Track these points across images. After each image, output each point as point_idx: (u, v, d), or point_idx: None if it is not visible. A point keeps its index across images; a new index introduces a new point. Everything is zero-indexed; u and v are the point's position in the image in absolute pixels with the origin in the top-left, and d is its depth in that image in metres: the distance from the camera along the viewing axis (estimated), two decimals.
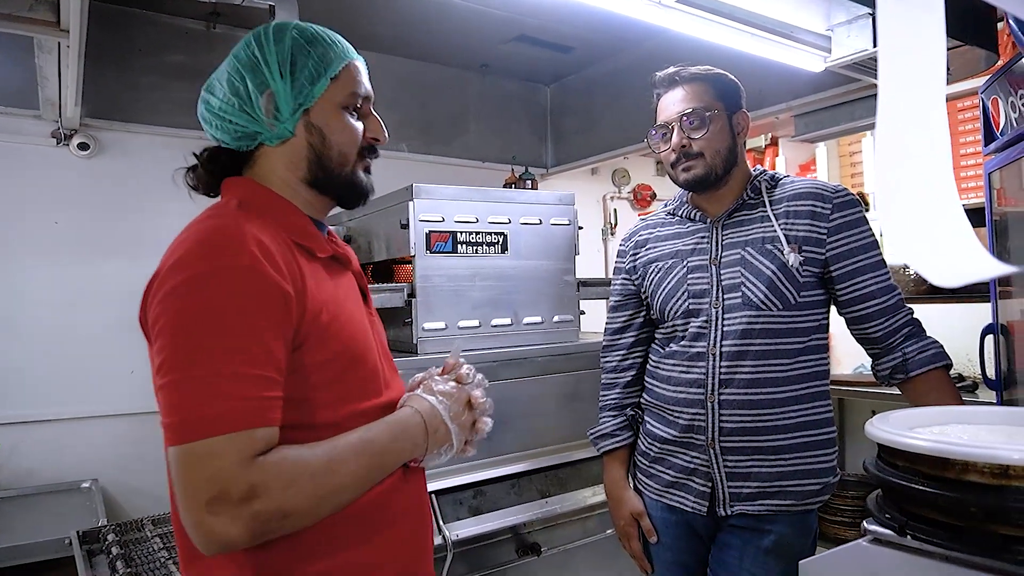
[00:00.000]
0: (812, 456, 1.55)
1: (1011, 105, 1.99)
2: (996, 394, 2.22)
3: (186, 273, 0.92)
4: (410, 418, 1.07)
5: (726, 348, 1.55)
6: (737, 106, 1.64)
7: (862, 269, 1.53)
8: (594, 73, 3.78)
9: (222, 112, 1.07)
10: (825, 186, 1.60)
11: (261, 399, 0.90)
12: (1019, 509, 0.79)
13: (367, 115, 1.15)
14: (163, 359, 0.89)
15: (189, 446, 0.86)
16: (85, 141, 2.81)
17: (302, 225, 1.08)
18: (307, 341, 0.98)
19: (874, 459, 0.98)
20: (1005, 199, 2.21)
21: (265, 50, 1.06)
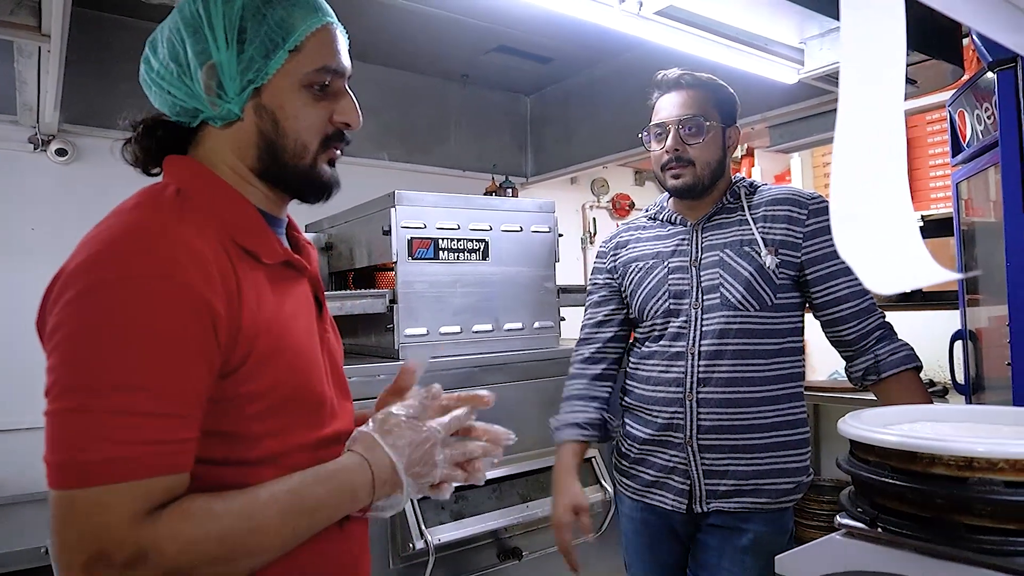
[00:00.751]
0: (786, 455, 1.59)
1: (976, 118, 2.06)
2: (965, 398, 2.28)
3: (92, 278, 0.76)
4: (353, 468, 0.89)
5: (704, 347, 1.59)
6: (731, 120, 1.69)
7: (836, 273, 1.57)
8: (573, 84, 3.83)
9: (160, 79, 0.90)
10: (801, 192, 1.66)
11: (166, 443, 0.74)
12: (981, 499, 0.83)
13: (338, 94, 0.94)
14: (53, 381, 0.74)
15: (71, 493, 0.71)
16: (63, 147, 2.78)
17: (250, 223, 0.91)
18: (240, 368, 0.83)
19: (847, 455, 1.01)
20: (972, 209, 2.27)
21: (211, 7, 0.87)
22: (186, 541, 0.73)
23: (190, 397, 0.77)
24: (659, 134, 1.67)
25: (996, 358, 2.00)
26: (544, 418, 2.20)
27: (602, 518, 2.18)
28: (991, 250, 2.01)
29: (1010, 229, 1.62)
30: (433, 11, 2.90)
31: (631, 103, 3.38)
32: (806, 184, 3.79)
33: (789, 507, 1.63)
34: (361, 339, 2.27)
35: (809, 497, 3.19)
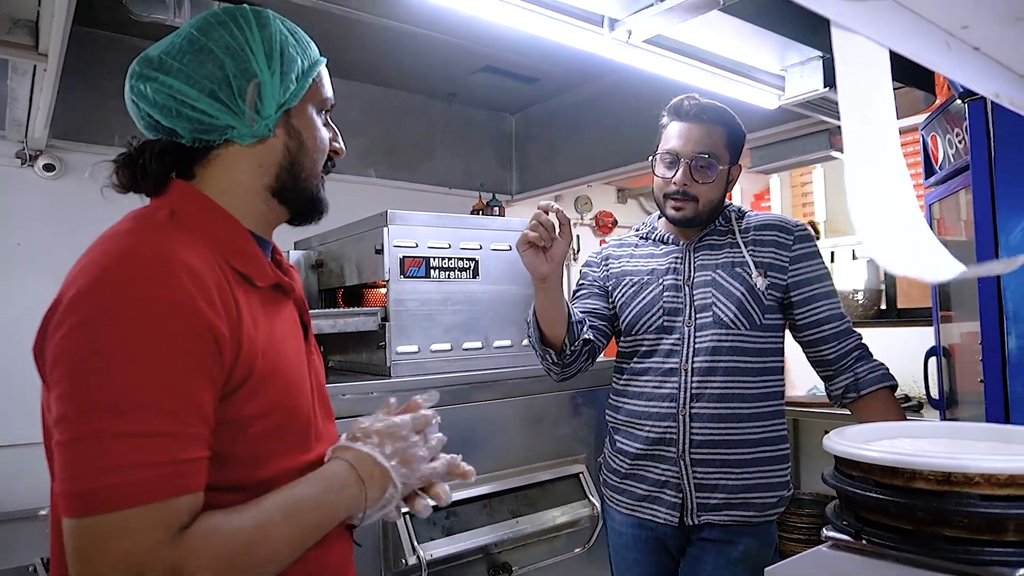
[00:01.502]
0: (770, 470, 1.66)
1: (948, 142, 2.15)
2: (940, 413, 2.35)
3: (95, 305, 0.76)
4: (336, 467, 0.92)
5: (697, 364, 1.64)
6: (737, 158, 1.75)
7: (817, 296, 1.66)
8: (558, 104, 3.90)
9: (183, 96, 0.89)
10: (786, 220, 1.75)
11: (184, 462, 0.75)
12: (960, 512, 0.88)
13: (328, 124, 1.04)
14: (64, 412, 0.74)
15: (95, 520, 0.71)
16: (51, 162, 2.78)
17: (244, 246, 0.93)
18: (239, 390, 0.84)
19: (832, 471, 1.06)
20: (945, 228, 2.36)
21: (249, 36, 0.92)
22: (214, 558, 0.75)
23: (199, 416, 0.78)
24: (669, 162, 1.68)
25: (969, 373, 2.07)
26: (533, 434, 2.24)
27: (589, 533, 2.21)
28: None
29: (981, 252, 1.69)
30: (422, 32, 2.95)
31: (615, 123, 3.46)
32: (784, 201, 3.90)
33: (774, 520, 1.68)
34: (352, 356, 2.29)
35: (790, 511, 3.25)
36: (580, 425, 2.33)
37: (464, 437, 2.01)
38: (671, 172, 1.67)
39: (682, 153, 1.66)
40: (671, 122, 1.72)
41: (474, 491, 2.00)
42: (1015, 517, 0.86)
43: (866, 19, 0.56)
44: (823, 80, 1.96)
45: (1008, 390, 1.61)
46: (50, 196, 2.81)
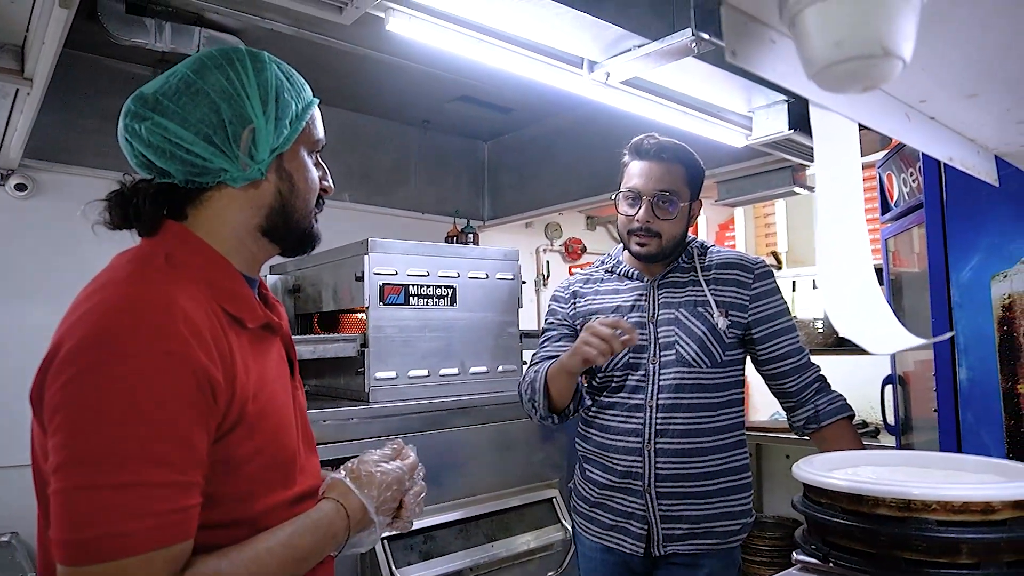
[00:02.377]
0: (733, 499, 1.72)
1: (903, 181, 2.27)
2: (895, 438, 2.46)
3: (93, 356, 0.77)
4: (334, 517, 0.96)
5: (662, 401, 1.69)
6: (697, 194, 1.80)
7: (778, 332, 1.74)
8: (531, 133, 3.98)
9: (177, 138, 0.90)
10: (747, 258, 1.81)
11: (181, 511, 0.77)
12: (919, 537, 0.95)
13: (319, 163, 1.06)
14: (63, 460, 0.75)
15: (94, 568, 0.72)
16: (23, 182, 2.75)
17: (236, 289, 0.95)
18: (231, 434, 0.86)
19: (801, 497, 1.13)
20: (900, 261, 2.48)
21: (244, 80, 0.93)
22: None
23: (195, 464, 0.79)
24: (632, 200, 1.73)
25: (922, 400, 2.18)
26: (508, 459, 2.28)
27: (562, 556, 2.25)
28: (915, 299, 2.19)
29: (934, 288, 1.79)
30: (400, 61, 3.01)
31: (586, 154, 3.56)
32: (748, 232, 4.03)
33: (737, 546, 1.74)
34: (329, 381, 2.31)
35: (753, 534, 3.33)
36: (553, 450, 2.38)
37: (440, 462, 2.04)
38: (634, 209, 1.72)
39: (644, 191, 1.71)
40: (632, 160, 1.77)
41: (450, 516, 2.03)
42: (968, 541, 0.94)
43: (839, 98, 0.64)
44: (788, 123, 2.06)
45: (960, 419, 1.71)
46: (21, 216, 2.78)
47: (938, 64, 0.66)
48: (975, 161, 0.91)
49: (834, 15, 0.49)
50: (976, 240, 1.74)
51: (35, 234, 2.79)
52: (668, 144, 1.76)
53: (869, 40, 0.49)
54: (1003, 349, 1.65)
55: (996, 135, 0.90)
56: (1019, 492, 0.95)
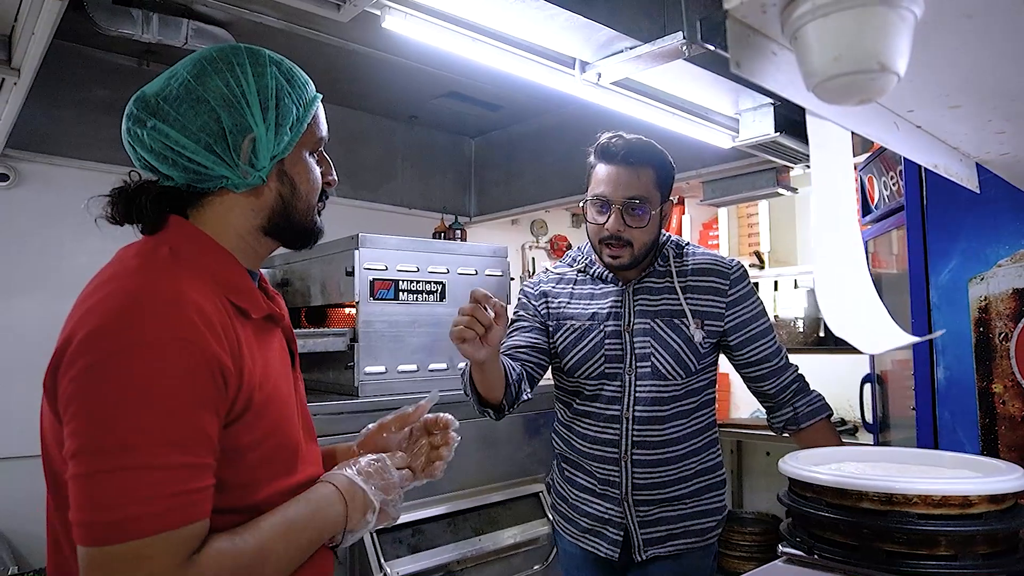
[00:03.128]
0: (708, 498, 1.75)
1: (883, 184, 2.32)
2: (873, 436, 2.51)
3: (110, 344, 0.79)
4: (322, 489, 0.99)
5: (638, 413, 1.68)
6: (668, 196, 1.74)
7: (755, 337, 1.72)
8: (518, 130, 3.99)
9: (178, 146, 0.92)
10: (722, 262, 1.75)
11: (195, 492, 0.80)
12: (900, 530, 0.99)
13: (322, 157, 1.07)
14: (79, 445, 0.77)
15: (112, 549, 0.75)
16: (5, 172, 2.72)
17: (239, 282, 0.97)
18: (242, 419, 0.89)
19: (787, 491, 1.16)
20: (879, 262, 2.53)
21: (244, 85, 0.93)
22: None
23: (208, 448, 0.82)
24: (600, 207, 1.66)
25: (900, 399, 2.23)
26: (495, 454, 2.31)
27: (548, 551, 2.28)
28: (893, 300, 2.24)
29: (914, 291, 1.84)
30: (388, 57, 3.01)
31: (573, 151, 3.57)
32: (732, 231, 4.08)
33: (714, 541, 1.77)
34: (318, 375, 2.32)
35: (733, 529, 3.39)
36: (540, 445, 2.40)
37: None
38: (603, 218, 1.65)
39: (612, 198, 1.63)
40: (599, 164, 1.68)
41: (438, 510, 2.05)
42: (947, 534, 0.98)
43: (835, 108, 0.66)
44: (774, 125, 2.10)
45: (937, 417, 1.76)
46: (3, 206, 2.75)
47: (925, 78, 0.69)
48: (958, 168, 0.95)
49: (833, 31, 0.52)
50: (954, 243, 1.78)
51: (18, 225, 2.76)
52: (636, 145, 1.66)
53: (866, 56, 0.51)
54: (979, 349, 1.69)
55: (977, 144, 0.93)
56: (995, 487, 0.99)
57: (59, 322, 0.86)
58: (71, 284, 3.08)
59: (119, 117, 0.97)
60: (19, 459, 2.71)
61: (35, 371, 2.94)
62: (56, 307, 2.74)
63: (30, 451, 2.73)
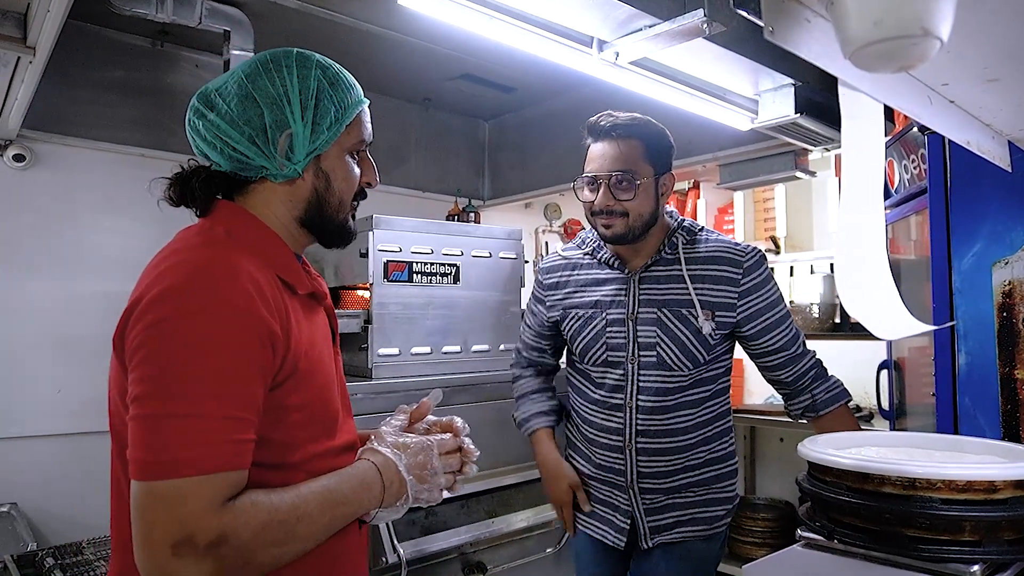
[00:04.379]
0: (718, 487, 1.72)
1: (904, 167, 2.28)
2: (889, 423, 2.49)
3: (176, 304, 0.89)
4: (368, 471, 1.05)
5: (642, 402, 1.65)
6: (665, 167, 1.70)
7: (770, 326, 1.68)
8: (533, 113, 3.96)
9: (226, 137, 1.02)
10: (735, 249, 1.69)
11: (237, 442, 0.87)
12: (923, 514, 0.97)
13: (365, 159, 1.15)
14: (141, 391, 0.87)
15: (156, 484, 0.83)
16: (21, 152, 2.72)
17: (286, 260, 1.05)
18: (287, 382, 0.97)
19: (806, 475, 1.15)
20: (897, 248, 2.50)
21: (288, 85, 1.03)
22: (256, 527, 0.87)
23: (252, 405, 0.90)
24: (591, 184, 1.66)
25: (918, 385, 2.20)
26: (509, 437, 2.30)
27: (560, 534, 2.28)
28: (912, 286, 2.21)
29: (936, 276, 1.81)
30: (403, 37, 2.98)
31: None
32: (747, 218, 4.03)
33: (723, 528, 1.75)
34: None
35: (745, 515, 3.38)
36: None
37: None
38: (593, 194, 1.65)
39: (599, 173, 1.64)
40: (589, 142, 1.69)
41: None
42: (971, 519, 0.96)
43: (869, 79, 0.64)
44: (794, 106, 2.06)
45: (957, 403, 1.74)
46: (20, 186, 2.75)
47: (963, 47, 0.67)
48: (990, 146, 0.92)
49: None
50: (979, 227, 1.75)
51: (33, 205, 2.77)
52: (623, 120, 1.66)
53: (908, 20, 0.49)
54: (1002, 335, 1.67)
55: (1012, 121, 0.90)
56: (1022, 472, 0.97)
57: (75, 302, 0.97)
58: (87, 263, 3.09)
59: (134, 97, 1.03)
60: (39, 438, 2.75)
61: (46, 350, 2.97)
62: (72, 286, 2.81)
63: (49, 430, 2.79)
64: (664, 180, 1.69)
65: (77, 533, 2.52)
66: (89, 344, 2.86)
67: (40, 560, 1.89)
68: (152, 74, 3.04)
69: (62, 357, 2.79)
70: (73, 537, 2.36)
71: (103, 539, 2.08)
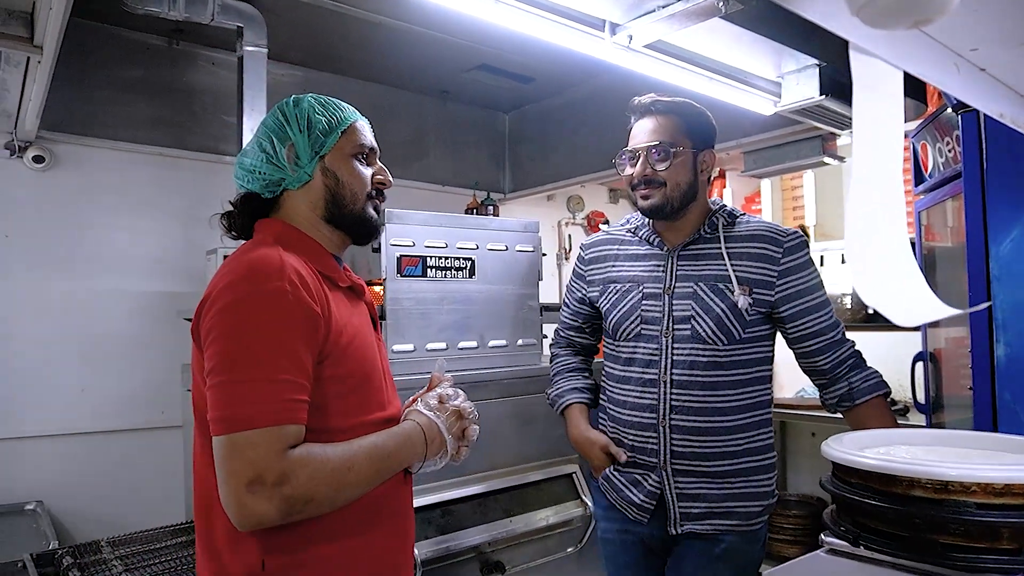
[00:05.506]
0: (756, 480, 1.66)
1: (938, 150, 2.18)
2: (925, 417, 2.39)
3: (236, 293, 1.09)
4: (412, 430, 1.24)
5: (676, 376, 1.64)
6: (706, 144, 1.72)
7: (809, 310, 1.64)
8: (553, 103, 3.90)
9: (253, 168, 1.26)
10: (777, 230, 1.69)
11: (292, 401, 1.06)
12: (956, 520, 0.90)
13: (373, 164, 1.33)
14: (214, 364, 1.07)
15: (232, 436, 1.02)
16: (40, 154, 2.74)
17: (324, 259, 1.25)
18: (329, 357, 1.15)
19: (829, 476, 1.08)
20: (933, 235, 2.39)
21: (287, 113, 1.26)
22: (312, 470, 1.05)
23: (303, 371, 1.09)
24: (631, 159, 1.72)
25: (955, 378, 2.11)
26: (526, 434, 2.26)
27: (581, 532, 2.23)
28: (949, 274, 2.12)
29: (972, 262, 1.72)
30: (417, 29, 2.94)
31: (609, 124, 3.47)
32: (775, 205, 3.93)
33: (760, 527, 1.69)
34: None
35: (777, 512, 3.29)
36: None
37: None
38: (632, 169, 1.71)
39: (638, 147, 1.70)
40: (632, 121, 1.76)
41: (468, 490, 2.01)
42: (1010, 525, 0.88)
43: (884, 42, 0.58)
44: (819, 88, 1.97)
45: (996, 397, 1.65)
46: (40, 188, 2.77)
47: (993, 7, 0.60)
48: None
49: None
50: (1017, 211, 1.66)
51: (53, 206, 2.79)
52: (663, 99, 1.72)
53: None
54: None
55: None
56: None
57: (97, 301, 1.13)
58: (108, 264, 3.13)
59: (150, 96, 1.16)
60: (64, 436, 2.78)
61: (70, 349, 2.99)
62: (94, 286, 2.83)
63: (74, 428, 2.82)
64: (704, 156, 1.71)
65: (101, 531, 2.53)
66: (112, 342, 2.89)
67: (59, 559, 1.90)
68: (169, 73, 3.04)
69: (86, 356, 2.81)
70: (97, 535, 2.37)
71: (123, 538, 2.09)
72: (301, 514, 1.05)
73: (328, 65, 3.39)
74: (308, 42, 3.10)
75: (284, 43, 2.97)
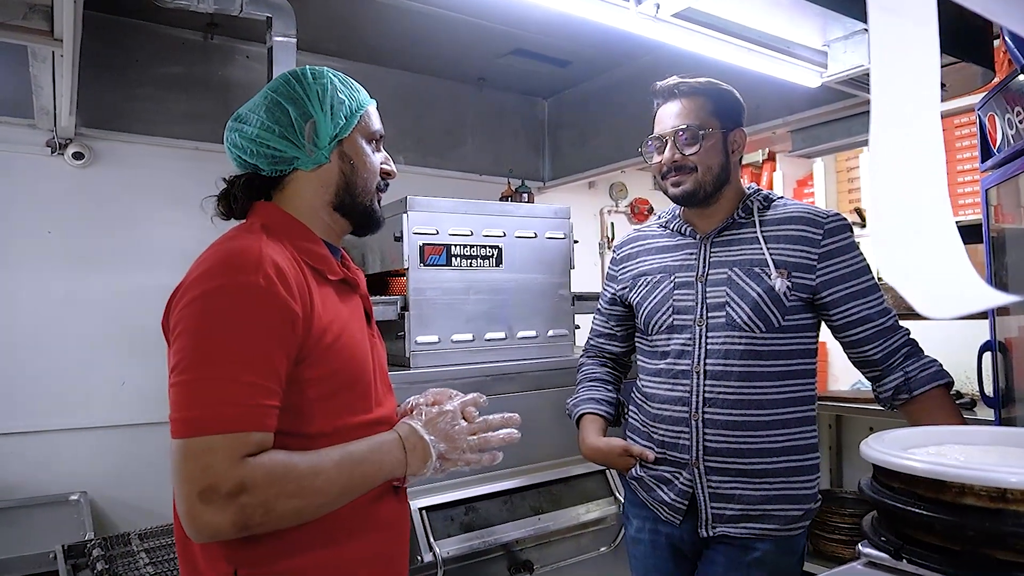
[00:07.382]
0: (796, 481, 1.54)
1: (1008, 122, 2.00)
2: (994, 412, 2.21)
3: (207, 286, 1.01)
4: (385, 436, 1.15)
5: (710, 367, 1.54)
6: (735, 124, 1.63)
7: (855, 295, 1.51)
8: (591, 87, 3.78)
9: (260, 139, 1.16)
10: (817, 211, 1.59)
11: (258, 406, 0.98)
12: (1017, 534, 0.78)
13: (379, 152, 1.27)
14: (178, 360, 0.99)
15: (188, 440, 0.94)
16: (80, 151, 2.79)
17: (316, 249, 1.17)
18: (309, 357, 1.07)
19: (869, 480, 0.96)
20: (1002, 215, 2.20)
21: (306, 86, 1.18)
22: (273, 479, 0.97)
23: (273, 374, 1.00)
24: (658, 146, 1.64)
25: None
26: (557, 428, 2.17)
27: (616, 531, 2.13)
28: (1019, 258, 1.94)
29: None
30: (450, 15, 2.88)
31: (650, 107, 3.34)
32: (829, 189, 3.72)
33: (799, 533, 1.57)
34: None
35: (830, 510, 3.12)
36: None
37: None
38: (660, 155, 1.63)
39: (665, 132, 1.62)
40: (657, 105, 1.68)
41: (494, 487, 1.94)
42: None
43: None
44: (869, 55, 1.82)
45: None
46: (79, 184, 2.82)
47: None
48: None
49: None
50: None
51: (93, 202, 2.84)
52: (686, 80, 1.63)
53: None
54: None
55: None
56: None
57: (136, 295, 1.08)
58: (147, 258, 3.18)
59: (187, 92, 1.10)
60: (106, 428, 2.83)
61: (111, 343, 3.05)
62: (133, 281, 2.87)
63: (116, 420, 2.87)
64: (734, 136, 1.63)
65: (141, 521, 2.58)
66: (151, 336, 2.88)
67: (89, 550, 1.91)
68: (204, 67, 3.06)
69: (126, 349, 2.86)
70: (137, 525, 2.41)
71: (151, 530, 2.10)
72: (261, 527, 0.97)
73: (361, 55, 3.35)
74: (341, 32, 3.08)
75: (317, 34, 2.95)
